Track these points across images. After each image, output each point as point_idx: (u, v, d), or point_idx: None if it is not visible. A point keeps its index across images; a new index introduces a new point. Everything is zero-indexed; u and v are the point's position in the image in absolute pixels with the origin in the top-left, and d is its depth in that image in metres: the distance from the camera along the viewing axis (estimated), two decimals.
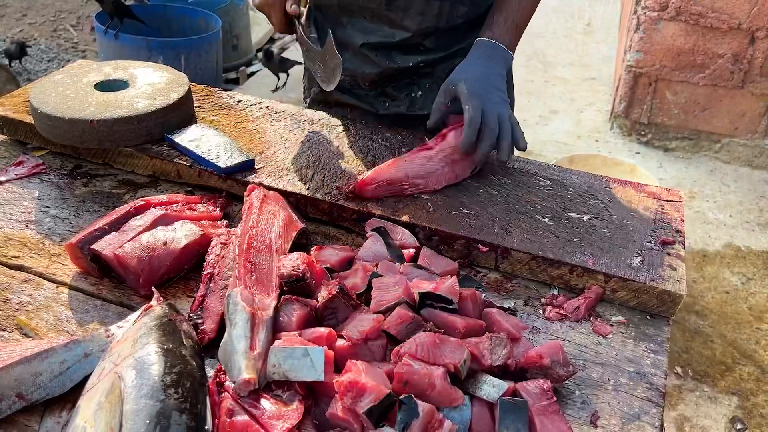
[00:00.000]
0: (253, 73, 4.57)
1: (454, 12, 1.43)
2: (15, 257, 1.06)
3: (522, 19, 1.36)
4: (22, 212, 1.17)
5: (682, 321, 2.62)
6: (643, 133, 3.82)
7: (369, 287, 0.96)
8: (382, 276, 0.97)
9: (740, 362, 2.45)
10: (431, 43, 1.46)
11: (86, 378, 0.81)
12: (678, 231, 1.15)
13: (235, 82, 4.44)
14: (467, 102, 1.22)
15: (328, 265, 1.02)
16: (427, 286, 0.94)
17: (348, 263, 1.04)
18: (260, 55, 4.82)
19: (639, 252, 1.09)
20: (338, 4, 1.46)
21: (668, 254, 1.09)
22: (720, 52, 3.40)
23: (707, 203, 3.37)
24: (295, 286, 0.94)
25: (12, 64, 4.29)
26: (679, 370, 2.41)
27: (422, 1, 1.40)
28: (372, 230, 1.08)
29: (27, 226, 1.13)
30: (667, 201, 1.24)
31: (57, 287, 1.01)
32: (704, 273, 2.89)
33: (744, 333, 2.58)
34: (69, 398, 0.81)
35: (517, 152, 1.30)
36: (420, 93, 1.52)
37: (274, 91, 4.39)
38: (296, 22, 1.31)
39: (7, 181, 1.25)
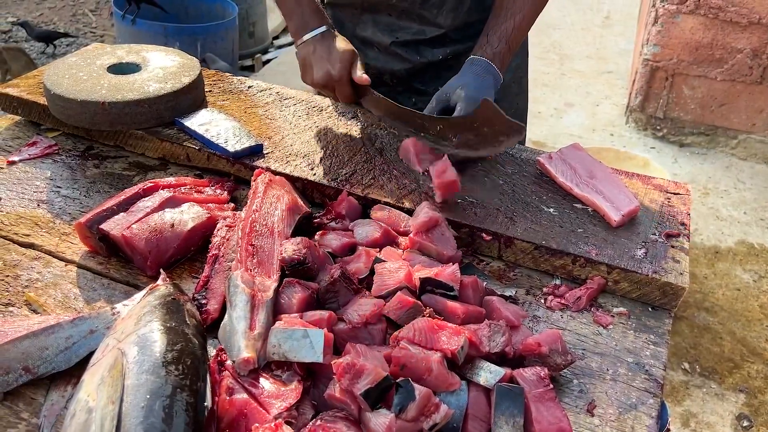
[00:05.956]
0: (268, 61, 4.57)
1: (484, 5, 1.42)
2: (26, 235, 1.08)
3: (515, 41, 1.35)
4: (34, 192, 1.19)
5: (691, 317, 2.61)
6: (658, 127, 3.78)
7: (372, 272, 0.97)
8: (384, 261, 0.98)
9: (749, 360, 2.44)
10: (458, 35, 1.46)
11: (91, 354, 0.82)
12: (683, 224, 1.14)
13: (251, 69, 4.45)
14: (463, 102, 1.23)
15: (330, 250, 1.03)
16: (429, 273, 0.95)
17: (350, 248, 1.05)
18: (275, 43, 4.83)
19: (643, 244, 1.09)
20: (362, 3, 1.46)
21: (672, 247, 1.09)
22: (739, 47, 3.35)
23: (722, 199, 3.34)
24: (296, 270, 0.95)
25: (46, 50, 4.50)
26: (686, 365, 2.40)
27: None
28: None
29: (38, 205, 1.15)
30: (674, 194, 1.23)
31: (66, 265, 1.03)
32: (716, 269, 2.87)
33: (754, 330, 2.56)
34: (74, 373, 0.83)
35: (528, 143, 1.29)
36: None
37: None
38: (369, 91, 1.33)
39: (20, 161, 1.27)
